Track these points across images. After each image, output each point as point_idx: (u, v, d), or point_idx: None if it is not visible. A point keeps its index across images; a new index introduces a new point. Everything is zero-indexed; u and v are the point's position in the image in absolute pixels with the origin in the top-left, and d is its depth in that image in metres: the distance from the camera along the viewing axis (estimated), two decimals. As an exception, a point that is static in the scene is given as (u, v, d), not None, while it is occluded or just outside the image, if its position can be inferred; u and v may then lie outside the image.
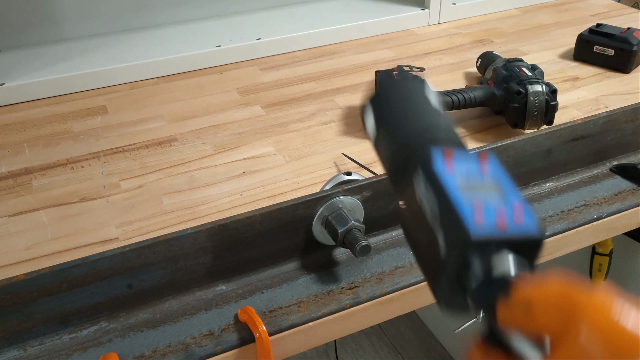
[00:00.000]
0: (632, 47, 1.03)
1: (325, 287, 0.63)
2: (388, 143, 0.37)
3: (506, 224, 0.29)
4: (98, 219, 0.74)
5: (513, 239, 0.29)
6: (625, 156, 0.84)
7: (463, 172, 0.31)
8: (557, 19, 1.30)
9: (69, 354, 0.56)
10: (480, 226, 0.28)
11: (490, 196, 0.30)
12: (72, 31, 1.17)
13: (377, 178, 0.66)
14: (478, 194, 0.30)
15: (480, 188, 0.30)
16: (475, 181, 0.30)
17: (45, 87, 1.03)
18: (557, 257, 0.73)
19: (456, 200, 0.29)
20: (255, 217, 0.61)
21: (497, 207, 0.29)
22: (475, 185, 0.30)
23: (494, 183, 0.30)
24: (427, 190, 0.30)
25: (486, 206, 0.29)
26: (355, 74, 1.09)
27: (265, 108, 0.99)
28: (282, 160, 0.85)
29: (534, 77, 0.86)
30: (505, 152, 0.73)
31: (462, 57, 1.14)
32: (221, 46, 1.13)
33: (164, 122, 0.95)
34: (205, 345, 0.57)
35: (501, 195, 0.30)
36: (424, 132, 0.35)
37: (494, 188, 0.30)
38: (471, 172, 0.31)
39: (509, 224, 0.29)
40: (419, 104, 0.36)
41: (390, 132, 0.37)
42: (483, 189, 0.30)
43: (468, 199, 0.29)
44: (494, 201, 0.29)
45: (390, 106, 0.38)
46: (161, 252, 0.59)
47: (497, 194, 0.30)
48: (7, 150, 0.89)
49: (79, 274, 0.56)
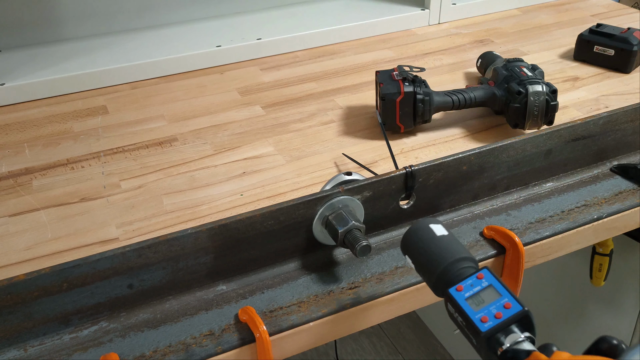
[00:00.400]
0: (632, 47, 1.03)
1: (326, 287, 0.63)
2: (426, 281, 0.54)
3: (501, 314, 0.46)
4: (98, 219, 0.74)
5: (507, 322, 0.45)
6: (625, 156, 0.84)
7: (469, 291, 0.49)
8: (557, 19, 1.30)
9: (70, 354, 0.56)
10: (486, 323, 0.46)
11: (488, 297, 0.48)
12: (72, 31, 1.17)
13: (378, 178, 0.66)
14: (481, 300, 0.48)
15: (481, 293, 0.48)
16: (478, 290, 0.49)
17: (45, 87, 1.03)
18: (557, 257, 0.73)
19: (468, 312, 0.47)
20: (255, 217, 0.61)
21: (493, 305, 0.47)
22: (477, 293, 0.48)
23: (489, 286, 0.49)
24: (454, 309, 0.49)
25: (487, 308, 0.47)
26: (355, 74, 1.09)
27: (265, 108, 0.99)
28: (283, 160, 0.85)
29: (534, 77, 0.86)
30: (505, 152, 0.73)
31: (462, 57, 1.14)
32: (222, 46, 1.13)
33: (164, 122, 0.95)
34: (206, 345, 0.57)
35: (494, 294, 0.48)
36: (441, 275, 0.51)
37: (490, 290, 0.48)
38: (474, 285, 0.49)
39: (503, 313, 0.46)
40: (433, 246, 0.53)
41: (422, 273, 0.54)
42: (483, 293, 0.48)
43: (475, 307, 0.47)
44: (491, 300, 0.47)
45: (415, 254, 0.55)
46: (162, 252, 0.59)
47: (492, 294, 0.48)
48: (7, 150, 0.89)
49: (79, 274, 0.56)
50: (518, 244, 0.65)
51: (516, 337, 0.45)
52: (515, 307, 0.46)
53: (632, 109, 0.79)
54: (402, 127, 0.88)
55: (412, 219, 0.72)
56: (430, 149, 0.86)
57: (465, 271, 0.51)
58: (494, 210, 0.74)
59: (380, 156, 0.85)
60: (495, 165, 0.73)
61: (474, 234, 0.70)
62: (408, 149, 0.87)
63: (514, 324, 0.45)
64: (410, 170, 0.67)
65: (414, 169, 0.67)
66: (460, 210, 0.74)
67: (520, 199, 0.76)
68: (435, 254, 0.53)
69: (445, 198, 0.72)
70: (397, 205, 0.69)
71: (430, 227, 0.55)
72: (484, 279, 0.49)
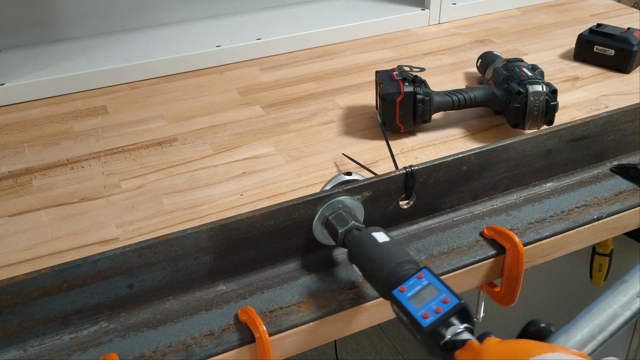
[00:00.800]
0: (632, 47, 1.03)
1: (326, 287, 0.63)
2: (372, 285, 0.58)
3: (441, 309, 0.49)
4: (98, 219, 0.74)
5: (446, 315, 0.49)
6: (625, 156, 0.84)
7: (411, 291, 0.52)
8: (557, 19, 1.30)
9: (69, 354, 0.56)
10: (427, 319, 0.49)
11: (428, 294, 0.51)
12: (72, 31, 1.17)
13: (378, 178, 0.66)
14: (422, 298, 0.51)
15: (422, 292, 0.52)
16: (419, 288, 0.52)
17: (45, 87, 1.03)
18: (557, 257, 0.73)
19: (411, 310, 0.51)
20: (255, 218, 0.61)
21: (433, 301, 0.50)
22: (419, 292, 0.52)
23: (429, 284, 0.52)
24: (399, 309, 0.52)
25: (427, 304, 0.50)
26: (355, 74, 1.09)
27: (265, 108, 0.99)
28: (282, 161, 0.85)
29: (534, 77, 0.86)
30: (505, 152, 0.73)
31: (462, 57, 1.14)
32: (221, 46, 1.13)
33: (164, 122, 0.95)
34: (206, 345, 0.57)
35: (434, 291, 0.51)
36: (385, 279, 0.55)
37: (429, 288, 0.52)
38: (415, 285, 0.52)
39: (442, 307, 0.49)
40: (372, 251, 0.57)
41: (369, 279, 0.58)
42: (424, 291, 0.51)
43: (417, 305, 0.51)
44: (431, 297, 0.51)
45: (361, 263, 0.58)
46: (162, 253, 0.59)
47: (432, 291, 0.51)
48: (7, 150, 0.89)
49: (79, 274, 0.56)
50: (518, 244, 0.65)
51: (456, 328, 0.48)
52: (452, 301, 0.50)
53: (632, 109, 0.79)
54: (402, 127, 0.88)
55: (412, 219, 0.72)
56: (430, 149, 0.86)
57: (407, 272, 0.54)
58: (494, 211, 0.74)
59: (380, 156, 0.85)
60: (495, 165, 0.73)
61: (474, 234, 0.70)
62: (408, 149, 0.87)
63: (454, 317, 0.49)
64: (410, 170, 0.67)
65: (414, 169, 0.67)
66: (460, 210, 0.74)
67: (520, 199, 0.76)
68: (379, 260, 0.56)
69: (445, 198, 0.72)
70: (397, 206, 0.69)
71: (373, 235, 0.59)
72: (424, 278, 0.53)
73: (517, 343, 0.46)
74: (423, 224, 0.72)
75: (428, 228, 0.72)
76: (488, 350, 0.46)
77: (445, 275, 0.65)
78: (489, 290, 0.71)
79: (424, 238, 0.70)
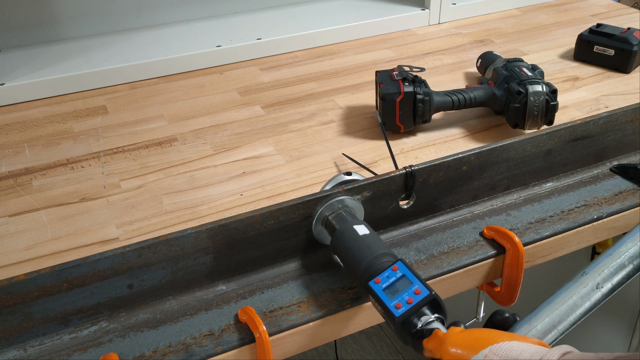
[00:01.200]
0: (632, 47, 1.03)
1: (326, 287, 0.63)
2: (350, 276, 0.61)
3: (412, 300, 0.52)
4: (98, 219, 0.74)
5: (418, 306, 0.52)
6: (625, 156, 0.84)
7: (386, 282, 0.55)
8: (557, 19, 1.30)
9: (69, 354, 0.56)
10: (399, 309, 0.52)
11: (402, 286, 0.54)
12: (72, 31, 1.17)
13: (378, 178, 0.66)
14: (395, 289, 0.54)
15: (396, 283, 0.54)
16: (393, 280, 0.55)
17: (45, 87, 1.03)
18: (557, 257, 0.73)
19: (385, 300, 0.53)
20: (255, 218, 0.61)
21: (405, 293, 0.53)
22: (393, 283, 0.54)
23: (402, 276, 0.55)
24: (374, 299, 0.55)
25: (400, 295, 0.53)
26: (355, 74, 1.09)
27: (265, 108, 0.99)
28: (282, 160, 0.85)
29: (534, 77, 0.86)
30: (505, 152, 0.73)
31: (462, 57, 1.14)
32: (221, 46, 1.13)
33: (164, 122, 0.95)
34: (206, 345, 0.57)
35: (407, 283, 0.54)
36: (363, 271, 0.57)
37: (403, 280, 0.54)
38: (390, 277, 0.55)
39: (414, 298, 0.52)
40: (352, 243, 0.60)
41: (348, 270, 0.60)
42: (397, 283, 0.54)
43: (390, 296, 0.54)
44: (404, 288, 0.54)
45: (341, 254, 0.61)
46: (161, 253, 0.59)
47: (405, 283, 0.54)
48: (7, 150, 0.89)
49: (79, 274, 0.56)
50: (518, 244, 0.65)
51: (427, 318, 0.51)
52: (424, 292, 0.53)
53: (632, 109, 0.79)
54: (402, 127, 0.88)
55: (412, 219, 0.72)
56: (430, 149, 0.86)
57: (383, 265, 0.57)
58: (494, 211, 0.74)
59: (380, 156, 0.85)
60: (495, 165, 0.73)
61: (474, 234, 0.70)
62: (408, 149, 0.87)
63: (425, 307, 0.52)
64: (410, 170, 0.67)
65: (414, 169, 0.67)
66: (460, 210, 0.74)
67: (520, 199, 0.76)
68: (358, 252, 0.59)
69: (445, 198, 0.72)
70: (397, 206, 0.69)
71: (354, 228, 0.61)
72: (399, 270, 0.55)
73: (478, 332, 0.48)
74: (423, 224, 0.72)
75: (428, 228, 0.72)
76: (451, 339, 0.49)
77: (445, 275, 0.65)
78: (489, 290, 0.71)
79: (424, 238, 0.70)
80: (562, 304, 0.57)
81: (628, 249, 0.62)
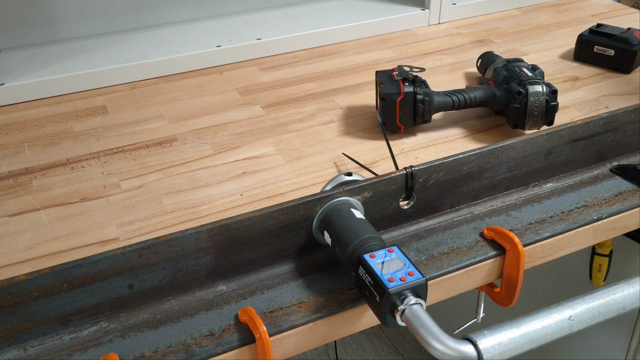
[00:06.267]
0: (633, 47, 1.03)
1: (326, 287, 0.63)
2: (341, 250, 0.61)
3: (405, 278, 0.55)
4: (98, 219, 0.74)
5: (410, 285, 0.55)
6: (625, 157, 0.84)
7: (380, 259, 0.57)
8: (557, 19, 1.31)
9: (69, 354, 0.56)
10: (392, 283, 0.55)
11: (395, 266, 0.57)
12: (72, 31, 1.17)
13: (378, 179, 0.66)
14: (389, 267, 0.56)
15: (390, 263, 0.57)
16: (387, 259, 0.57)
17: (45, 87, 1.03)
18: (557, 257, 0.73)
19: (378, 272, 0.56)
20: (256, 218, 0.61)
21: (399, 272, 0.56)
22: (387, 262, 0.57)
23: (397, 258, 0.58)
24: (365, 271, 0.57)
25: (393, 272, 0.56)
26: (355, 74, 1.09)
27: (265, 108, 0.99)
28: (282, 161, 0.85)
29: (534, 78, 0.86)
30: (505, 153, 0.73)
31: (462, 57, 1.14)
32: (221, 46, 1.13)
33: (164, 122, 0.95)
34: (206, 345, 0.57)
35: (400, 264, 0.57)
36: (359, 244, 0.60)
37: (397, 261, 0.57)
38: (385, 257, 0.58)
39: (407, 278, 0.55)
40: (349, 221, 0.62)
41: (339, 244, 0.61)
42: (391, 263, 0.57)
43: (384, 272, 0.56)
44: (397, 268, 0.56)
45: (335, 228, 0.62)
46: (162, 253, 0.59)
47: (399, 264, 0.57)
48: (7, 150, 0.89)
49: (79, 274, 0.56)
50: (518, 245, 0.65)
51: (409, 300, 0.54)
52: (416, 275, 0.56)
53: (632, 110, 0.79)
54: (402, 127, 0.88)
55: (412, 219, 0.72)
56: (430, 149, 0.87)
57: (378, 246, 0.59)
58: (494, 211, 0.74)
59: (380, 156, 0.85)
60: (496, 166, 0.73)
61: (474, 234, 0.70)
62: (408, 149, 0.87)
63: (409, 290, 0.55)
64: (410, 170, 0.67)
65: (414, 169, 0.67)
66: (460, 210, 0.74)
67: (520, 200, 0.76)
68: (355, 228, 0.61)
69: (445, 198, 0.72)
70: (398, 206, 0.69)
71: (352, 210, 0.63)
72: (394, 253, 0.58)
73: None
74: (423, 225, 0.72)
75: (428, 228, 0.72)
76: None
77: (445, 276, 0.65)
78: (489, 291, 0.71)
79: (424, 238, 0.70)
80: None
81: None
